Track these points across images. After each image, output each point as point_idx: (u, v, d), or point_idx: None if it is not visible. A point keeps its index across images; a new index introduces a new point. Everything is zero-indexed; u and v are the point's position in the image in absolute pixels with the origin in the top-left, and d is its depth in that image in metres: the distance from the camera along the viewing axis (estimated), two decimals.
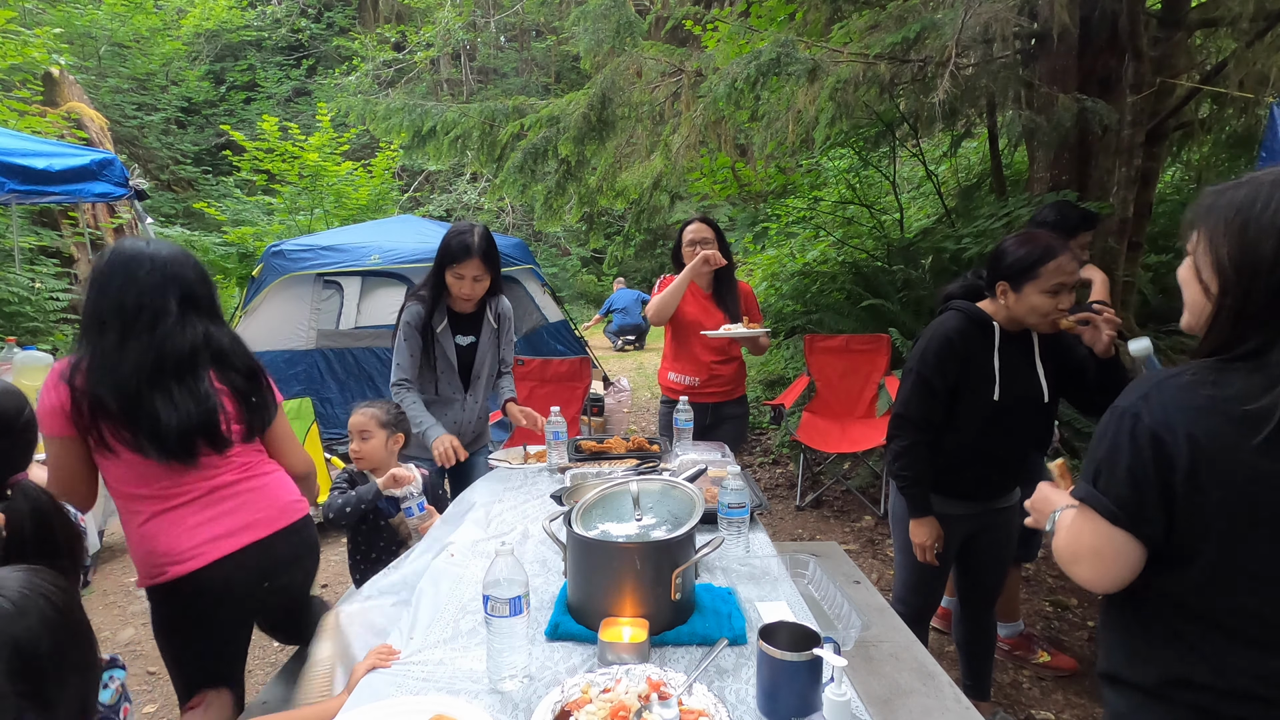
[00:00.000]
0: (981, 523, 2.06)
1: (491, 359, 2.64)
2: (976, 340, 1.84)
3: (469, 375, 2.60)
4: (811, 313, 6.11)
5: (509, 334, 2.69)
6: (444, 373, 2.52)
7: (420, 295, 2.45)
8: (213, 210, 11.28)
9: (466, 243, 2.33)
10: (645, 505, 1.43)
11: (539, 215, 6.06)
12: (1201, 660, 0.97)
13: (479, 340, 2.58)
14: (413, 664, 1.26)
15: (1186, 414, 0.93)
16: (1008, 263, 1.80)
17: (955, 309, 1.91)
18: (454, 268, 2.35)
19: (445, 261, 2.36)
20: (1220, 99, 4.49)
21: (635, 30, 4.98)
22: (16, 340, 3.43)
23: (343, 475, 2.30)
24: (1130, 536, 0.97)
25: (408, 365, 2.45)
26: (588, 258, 16.68)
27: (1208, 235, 0.98)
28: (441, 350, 2.49)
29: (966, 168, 7.36)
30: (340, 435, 5.40)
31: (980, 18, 3.26)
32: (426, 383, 2.52)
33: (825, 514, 4.23)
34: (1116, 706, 1.09)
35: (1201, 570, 0.95)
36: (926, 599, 2.21)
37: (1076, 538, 1.03)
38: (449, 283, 2.39)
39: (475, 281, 2.39)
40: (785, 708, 1.04)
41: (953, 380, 1.85)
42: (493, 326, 2.60)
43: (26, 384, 3.23)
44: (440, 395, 2.55)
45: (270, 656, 2.87)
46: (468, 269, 2.35)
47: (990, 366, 1.82)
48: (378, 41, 16.82)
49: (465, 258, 2.33)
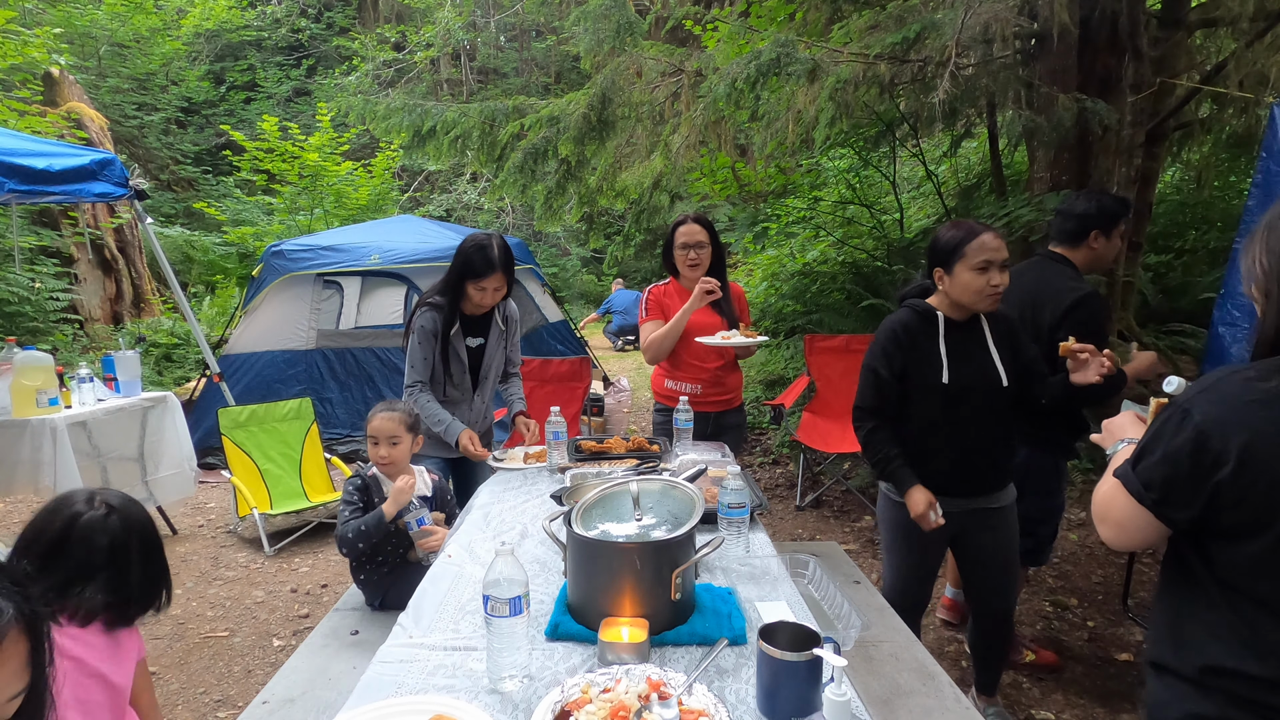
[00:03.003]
0: (971, 523, 2.04)
1: (499, 360, 2.70)
2: (921, 329, 1.96)
3: (477, 376, 2.66)
4: (811, 313, 6.11)
5: (516, 335, 2.75)
6: (456, 374, 2.57)
7: (436, 304, 2.50)
8: (213, 210, 11.29)
9: (490, 257, 2.39)
10: (645, 505, 1.43)
11: (539, 215, 6.06)
12: (1246, 647, 0.99)
13: (488, 342, 2.64)
14: (413, 663, 1.26)
15: (1242, 407, 0.97)
16: (938, 248, 1.94)
17: (904, 306, 2.04)
18: (477, 281, 2.42)
19: (466, 274, 2.42)
20: (1220, 99, 4.49)
21: (635, 30, 4.97)
22: (16, 340, 3.43)
23: (353, 485, 2.26)
24: (1152, 516, 1.04)
25: (422, 368, 2.51)
26: (588, 258, 16.68)
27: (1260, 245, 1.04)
28: (454, 353, 2.54)
29: (966, 168, 7.36)
30: (340, 435, 5.40)
31: (980, 18, 3.26)
32: (437, 384, 2.58)
33: (825, 514, 4.23)
34: (1158, 695, 1.11)
35: (1261, 548, 0.98)
36: (914, 598, 2.21)
37: (1109, 502, 1.11)
38: (470, 293, 2.46)
39: (496, 292, 2.47)
40: (785, 708, 1.04)
41: (899, 368, 1.96)
42: (500, 328, 2.66)
43: (26, 384, 3.23)
44: (449, 397, 2.61)
45: (270, 657, 2.88)
46: (490, 282, 2.42)
47: (937, 353, 1.93)
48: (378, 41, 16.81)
49: (489, 272, 2.40)
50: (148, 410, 3.83)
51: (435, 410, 2.51)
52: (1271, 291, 1.00)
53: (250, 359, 5.49)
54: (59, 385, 3.40)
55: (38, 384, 3.26)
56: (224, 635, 3.05)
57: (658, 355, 2.75)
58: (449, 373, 2.55)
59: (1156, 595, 1.16)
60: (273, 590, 3.47)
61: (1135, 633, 2.87)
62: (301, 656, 2.00)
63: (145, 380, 4.14)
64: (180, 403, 4.00)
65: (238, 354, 5.52)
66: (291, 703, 1.78)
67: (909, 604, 2.20)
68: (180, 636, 3.04)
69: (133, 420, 3.78)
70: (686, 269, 2.71)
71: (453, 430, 2.48)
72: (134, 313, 8.26)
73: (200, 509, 4.59)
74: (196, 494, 4.44)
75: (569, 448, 2.44)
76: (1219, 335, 3.12)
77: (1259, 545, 0.97)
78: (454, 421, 2.50)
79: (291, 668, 1.94)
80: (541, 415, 2.49)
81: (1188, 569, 1.07)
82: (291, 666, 1.95)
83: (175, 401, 3.95)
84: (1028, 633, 2.82)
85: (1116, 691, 2.52)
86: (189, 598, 3.39)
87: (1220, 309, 3.12)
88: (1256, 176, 2.94)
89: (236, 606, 3.30)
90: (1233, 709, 1.00)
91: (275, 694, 1.81)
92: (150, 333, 7.75)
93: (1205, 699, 1.03)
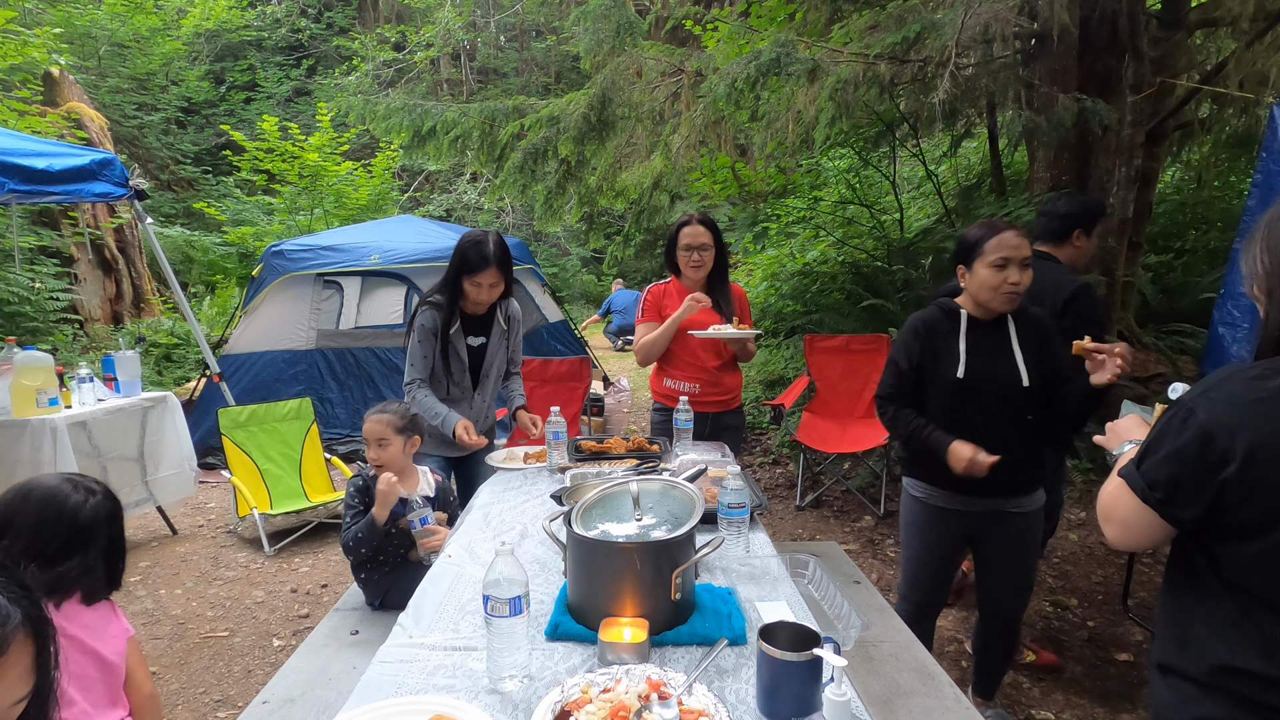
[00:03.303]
0: (988, 524, 2.04)
1: (501, 359, 2.70)
2: (943, 325, 2.01)
3: (479, 374, 2.65)
4: (811, 313, 6.11)
5: (518, 335, 2.74)
6: (456, 373, 2.57)
7: (436, 302, 2.50)
8: (213, 210, 11.29)
9: (485, 253, 2.40)
10: (645, 505, 1.43)
11: (539, 215, 6.06)
12: (1254, 646, 0.99)
13: (489, 341, 2.64)
14: (413, 663, 1.26)
15: (1246, 406, 0.98)
16: (962, 246, 1.98)
17: (933, 303, 2.08)
18: (472, 276, 2.42)
19: (463, 270, 2.42)
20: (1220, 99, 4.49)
21: (635, 30, 4.98)
22: (16, 340, 3.43)
23: (354, 486, 2.28)
24: (1156, 515, 1.05)
25: (421, 366, 2.52)
26: (588, 258, 16.67)
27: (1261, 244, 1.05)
28: (455, 352, 2.54)
29: (966, 168, 7.36)
30: (340, 435, 5.41)
31: (980, 18, 3.26)
32: (438, 383, 2.58)
33: (825, 514, 4.23)
34: (1164, 698, 1.10)
35: (1266, 547, 0.98)
36: (930, 594, 2.20)
37: (1114, 502, 1.12)
38: (466, 290, 2.46)
39: (492, 288, 2.47)
40: (785, 708, 1.04)
41: (917, 361, 2.01)
42: (502, 328, 2.66)
43: (26, 384, 3.23)
44: (450, 395, 2.60)
45: (270, 657, 2.88)
46: (485, 277, 2.42)
47: (956, 348, 1.97)
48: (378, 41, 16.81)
49: (484, 267, 2.40)
50: (148, 410, 3.83)
51: (432, 404, 2.50)
52: (1274, 290, 1.01)
53: (250, 359, 5.49)
54: (59, 385, 3.40)
55: (38, 384, 3.26)
56: (224, 635, 3.05)
57: (648, 358, 2.78)
58: (449, 371, 2.54)
59: (1161, 597, 1.15)
60: (273, 590, 3.47)
61: (1135, 633, 2.86)
62: (301, 656, 2.00)
63: (145, 380, 4.14)
64: (180, 403, 4.00)
65: (238, 354, 5.52)
66: (291, 703, 1.78)
67: (925, 602, 2.20)
68: (180, 636, 3.04)
69: (133, 420, 3.78)
70: (689, 270, 2.70)
71: (449, 421, 2.47)
72: (134, 313, 8.26)
73: (200, 509, 4.59)
74: (196, 494, 4.44)
75: (569, 448, 2.44)
76: (1219, 335, 3.12)
77: (1264, 544, 0.97)
78: (450, 413, 2.49)
79: (291, 668, 1.94)
80: (541, 415, 2.49)
81: (1193, 569, 1.07)
82: (291, 666, 1.95)
83: (175, 401, 3.95)
84: (1028, 633, 2.82)
85: (1116, 691, 2.52)
86: (189, 598, 3.39)
87: (1220, 309, 3.13)
88: (1256, 176, 2.94)
89: (236, 606, 3.30)
90: (1239, 710, 1.00)
91: (275, 694, 1.81)
92: (150, 333, 7.75)
93: (1212, 701, 1.03)
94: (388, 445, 2.24)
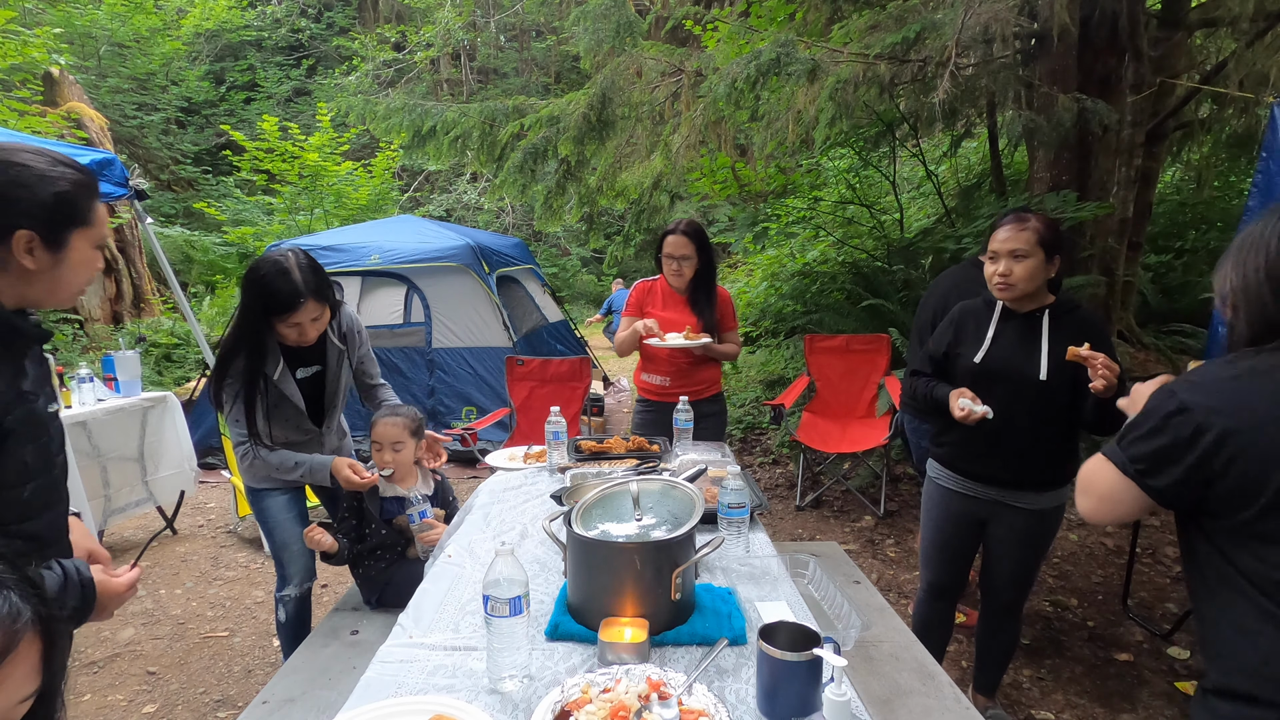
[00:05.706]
0: (999, 515, 2.06)
1: (345, 381, 2.31)
2: (980, 314, 2.08)
3: (319, 408, 2.25)
4: (811, 313, 6.11)
5: (362, 346, 2.35)
6: (290, 417, 2.16)
7: (236, 351, 2.03)
8: (213, 210, 11.29)
9: (294, 285, 1.90)
10: (645, 505, 1.43)
11: (539, 215, 6.06)
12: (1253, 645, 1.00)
13: (326, 367, 2.23)
14: (413, 663, 1.26)
15: (1223, 383, 1.04)
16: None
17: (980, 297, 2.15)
18: (286, 318, 1.93)
19: (271, 311, 1.94)
20: (1220, 99, 4.49)
21: (635, 30, 4.98)
22: None
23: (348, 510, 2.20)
24: (1134, 486, 1.09)
25: (245, 423, 2.07)
26: (588, 258, 16.69)
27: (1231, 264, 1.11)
28: (280, 395, 2.10)
29: (966, 168, 7.36)
30: None
31: (980, 18, 3.26)
32: (277, 431, 2.17)
33: (825, 514, 4.23)
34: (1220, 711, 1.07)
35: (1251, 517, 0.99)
36: (940, 575, 2.22)
37: (1094, 475, 1.16)
38: (281, 332, 1.99)
39: (315, 323, 2.00)
40: (785, 708, 1.04)
41: (944, 343, 2.11)
42: (339, 348, 2.23)
43: None
44: (290, 441, 2.20)
45: (270, 657, 2.88)
46: (304, 314, 1.94)
47: (983, 335, 2.03)
48: (378, 41, 16.83)
49: (298, 304, 1.91)
50: (148, 410, 3.83)
51: (282, 458, 2.11)
52: (1239, 307, 1.08)
53: None
54: (59, 385, 3.40)
55: None
56: (224, 635, 3.05)
57: (621, 353, 2.92)
58: (283, 416, 2.14)
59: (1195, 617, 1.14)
60: (272, 590, 3.46)
61: (1135, 633, 2.87)
62: (301, 656, 2.00)
63: (145, 380, 4.14)
64: (180, 403, 4.00)
65: None
66: (291, 703, 1.78)
67: (936, 582, 2.24)
68: (180, 636, 3.04)
69: (133, 420, 3.78)
70: (670, 277, 2.84)
71: (317, 467, 2.11)
72: (134, 313, 8.26)
73: (200, 509, 4.59)
74: (196, 494, 4.44)
75: (569, 448, 2.44)
76: (1219, 335, 3.12)
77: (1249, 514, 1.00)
78: (312, 458, 2.13)
79: (291, 668, 1.94)
80: (541, 415, 2.49)
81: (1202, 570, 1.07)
82: (291, 666, 1.95)
83: (175, 401, 3.95)
84: (1028, 633, 2.83)
85: (1116, 691, 2.52)
86: (189, 598, 3.39)
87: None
88: (1256, 176, 2.94)
89: (236, 606, 3.30)
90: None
91: (275, 694, 1.81)
92: (150, 333, 7.75)
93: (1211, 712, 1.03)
94: (403, 448, 2.20)
